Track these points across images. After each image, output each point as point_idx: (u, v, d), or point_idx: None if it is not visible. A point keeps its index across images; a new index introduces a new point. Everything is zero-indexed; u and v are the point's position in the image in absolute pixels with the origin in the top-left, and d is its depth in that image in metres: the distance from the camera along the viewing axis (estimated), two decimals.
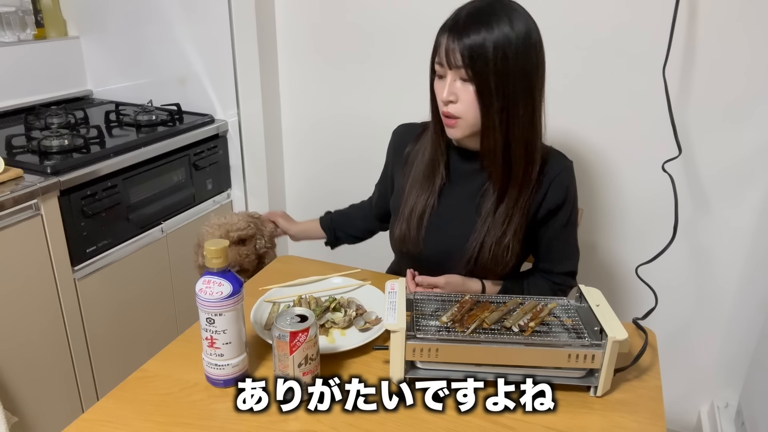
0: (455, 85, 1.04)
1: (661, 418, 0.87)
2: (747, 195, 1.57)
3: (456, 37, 1.00)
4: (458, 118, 1.06)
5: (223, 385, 0.91)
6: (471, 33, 0.99)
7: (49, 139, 1.55)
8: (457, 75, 1.03)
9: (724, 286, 1.68)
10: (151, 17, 1.94)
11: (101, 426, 0.83)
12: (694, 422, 1.83)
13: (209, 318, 0.86)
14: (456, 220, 1.16)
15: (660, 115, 1.51)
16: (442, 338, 0.89)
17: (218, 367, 0.90)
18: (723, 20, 1.45)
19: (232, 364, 0.90)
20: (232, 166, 2.02)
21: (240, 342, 0.90)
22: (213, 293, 0.85)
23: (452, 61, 1.01)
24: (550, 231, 1.17)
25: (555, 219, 1.15)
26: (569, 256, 1.22)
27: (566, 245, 1.21)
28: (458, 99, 1.04)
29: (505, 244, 1.12)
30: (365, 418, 0.85)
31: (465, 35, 0.99)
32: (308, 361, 0.85)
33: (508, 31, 0.99)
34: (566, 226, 1.17)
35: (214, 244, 0.85)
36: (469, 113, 1.04)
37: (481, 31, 0.99)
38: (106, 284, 1.61)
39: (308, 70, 1.95)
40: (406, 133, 1.27)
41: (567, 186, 1.14)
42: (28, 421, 1.45)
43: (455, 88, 1.04)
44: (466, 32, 0.99)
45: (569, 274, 1.22)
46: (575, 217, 1.19)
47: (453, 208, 1.17)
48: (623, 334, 0.86)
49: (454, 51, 1.00)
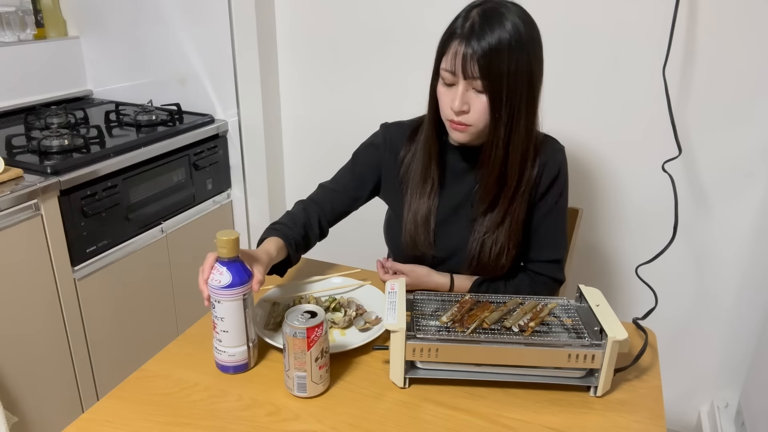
0: (468, 95, 1.02)
1: (661, 418, 0.87)
2: (747, 195, 1.57)
3: (472, 48, 0.97)
4: (469, 125, 1.04)
5: (222, 370, 0.94)
6: (488, 37, 0.97)
7: (49, 139, 1.55)
8: (470, 85, 1.01)
9: (724, 286, 1.68)
10: (151, 17, 1.94)
11: (101, 426, 0.83)
12: (694, 422, 1.83)
13: (213, 301, 0.90)
14: (457, 220, 1.17)
15: (660, 115, 1.51)
16: (442, 338, 0.89)
17: (217, 351, 0.94)
18: (723, 20, 1.45)
19: (229, 353, 0.92)
20: (232, 166, 2.02)
21: (239, 334, 0.92)
22: (214, 279, 0.89)
23: (468, 71, 0.99)
24: (537, 215, 1.15)
25: (544, 201, 1.14)
26: (554, 243, 1.18)
27: (551, 231, 1.17)
28: (470, 108, 1.03)
29: (506, 242, 1.12)
30: (365, 418, 0.85)
31: (482, 41, 0.97)
32: (323, 354, 0.88)
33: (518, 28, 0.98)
34: (552, 211, 1.15)
35: (225, 234, 0.89)
36: (480, 122, 1.04)
37: (497, 34, 0.96)
38: (106, 284, 1.61)
39: (308, 70, 1.94)
40: (398, 134, 1.22)
41: (560, 166, 1.13)
42: (28, 421, 1.45)
43: (468, 98, 1.02)
44: (483, 37, 0.97)
45: (553, 262, 1.18)
46: (564, 203, 1.17)
47: (452, 208, 1.17)
48: (623, 334, 0.86)
49: (471, 61, 0.98)
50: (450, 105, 1.03)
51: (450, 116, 1.05)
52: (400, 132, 1.22)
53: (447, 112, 1.06)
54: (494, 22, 0.98)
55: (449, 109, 1.04)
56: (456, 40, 1.00)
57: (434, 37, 1.05)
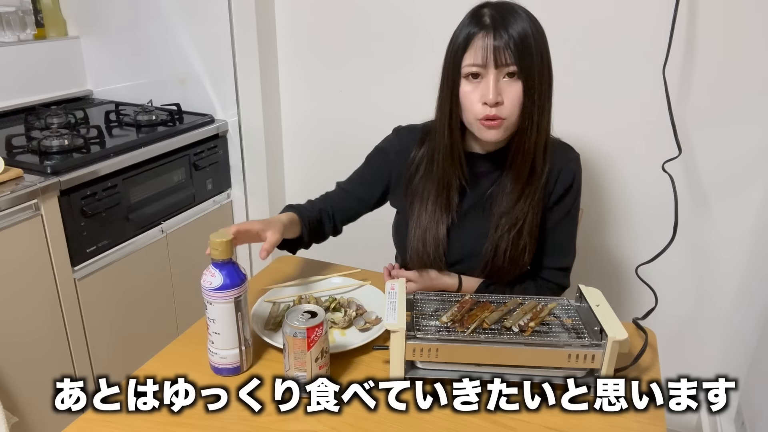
0: (499, 86, 1.00)
1: (661, 418, 0.87)
2: (747, 195, 1.57)
3: (499, 34, 0.97)
4: (503, 119, 1.02)
5: (215, 371, 0.94)
6: (513, 27, 0.97)
7: (49, 139, 1.55)
8: (501, 73, 0.99)
9: (724, 285, 1.68)
10: (151, 17, 1.94)
11: (101, 426, 0.83)
12: (694, 422, 1.83)
13: (205, 302, 0.90)
14: (470, 228, 1.14)
15: (660, 115, 1.51)
16: (442, 338, 0.89)
17: (210, 352, 0.94)
18: (723, 20, 1.45)
19: (221, 355, 0.93)
20: (232, 166, 2.02)
21: (231, 337, 0.92)
22: (206, 281, 0.89)
23: (501, 59, 0.97)
24: (550, 221, 1.15)
25: (558, 207, 1.14)
26: (563, 250, 1.18)
27: (562, 238, 1.17)
28: (503, 100, 1.01)
29: (522, 246, 1.11)
30: (365, 418, 0.85)
31: (509, 30, 0.97)
32: (323, 354, 0.88)
33: (534, 22, 1.00)
34: (566, 217, 1.15)
35: (218, 236, 0.88)
36: (514, 112, 1.02)
37: (519, 24, 0.98)
38: (106, 284, 1.61)
39: (308, 70, 1.95)
40: (409, 138, 1.19)
41: (574, 174, 1.13)
42: (28, 421, 1.45)
43: (500, 88, 1.00)
44: (508, 27, 0.97)
45: (561, 269, 1.18)
46: (576, 211, 1.17)
47: (466, 216, 1.15)
48: (623, 334, 0.86)
49: (504, 49, 0.97)
50: (482, 99, 1.01)
51: (481, 113, 1.01)
52: (412, 136, 1.19)
53: (477, 110, 1.02)
54: (513, 15, 0.99)
55: (480, 106, 1.01)
56: (479, 35, 0.99)
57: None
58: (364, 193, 1.23)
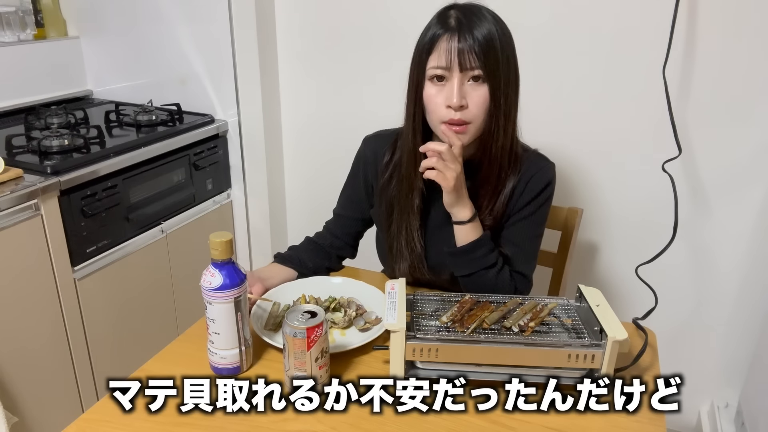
0: (464, 89, 0.99)
1: (661, 418, 0.87)
2: (747, 195, 1.57)
3: (464, 36, 0.96)
4: (469, 123, 1.01)
5: (214, 371, 0.94)
6: (478, 29, 0.96)
7: (49, 139, 1.55)
8: (466, 77, 0.98)
9: (724, 286, 1.68)
10: (151, 17, 1.94)
11: (101, 426, 0.83)
12: (694, 422, 1.83)
13: (205, 302, 0.91)
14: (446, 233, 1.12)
15: (660, 115, 1.51)
16: (442, 338, 0.89)
17: (210, 352, 0.94)
18: (723, 20, 1.45)
19: (220, 355, 0.93)
20: (232, 166, 2.02)
21: (230, 337, 0.92)
22: (206, 281, 0.89)
23: (466, 62, 0.96)
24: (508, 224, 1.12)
25: (520, 212, 1.11)
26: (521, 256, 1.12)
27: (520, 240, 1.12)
28: (468, 103, 0.99)
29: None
30: (365, 418, 0.85)
31: (474, 32, 0.96)
32: (323, 354, 0.88)
33: (500, 24, 1.00)
34: (524, 221, 1.11)
35: (218, 236, 0.88)
36: (479, 116, 1.00)
37: (485, 26, 0.97)
38: (106, 284, 1.61)
39: (308, 70, 1.95)
40: (378, 144, 1.18)
41: (545, 183, 1.10)
42: (28, 421, 1.45)
43: (464, 92, 0.99)
44: (474, 29, 0.96)
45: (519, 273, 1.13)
46: (540, 218, 1.13)
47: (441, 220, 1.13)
48: (623, 334, 0.86)
49: (468, 52, 0.96)
50: (446, 102, 0.99)
51: (446, 117, 1.00)
52: (381, 143, 1.18)
53: (442, 113, 1.01)
54: (479, 17, 0.98)
55: (444, 109, 1.00)
56: (444, 37, 0.98)
57: None
58: (357, 212, 1.25)
